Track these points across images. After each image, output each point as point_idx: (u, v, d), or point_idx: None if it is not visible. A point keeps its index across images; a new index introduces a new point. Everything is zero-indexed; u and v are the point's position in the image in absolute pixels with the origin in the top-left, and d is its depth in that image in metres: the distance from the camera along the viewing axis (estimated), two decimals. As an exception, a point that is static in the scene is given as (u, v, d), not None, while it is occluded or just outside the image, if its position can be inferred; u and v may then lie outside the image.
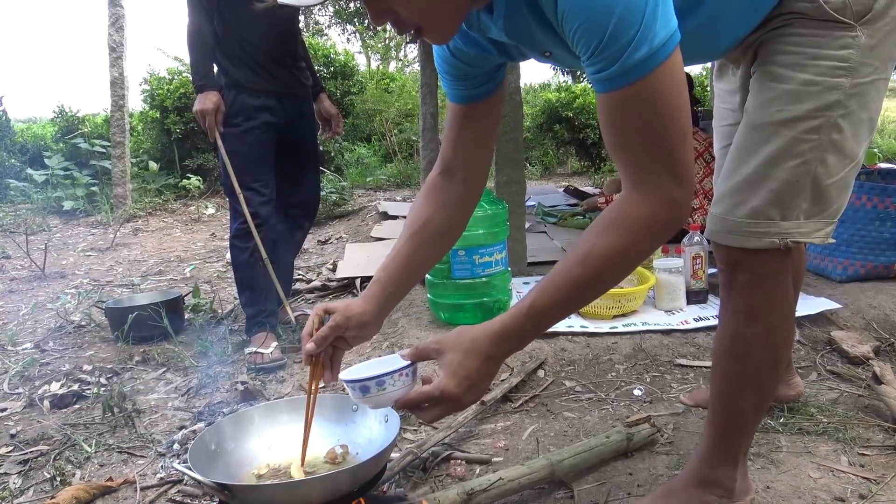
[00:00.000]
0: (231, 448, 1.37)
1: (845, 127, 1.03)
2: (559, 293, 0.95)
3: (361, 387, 1.04)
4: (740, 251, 1.11)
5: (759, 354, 1.15)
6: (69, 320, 2.92)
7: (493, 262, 2.27)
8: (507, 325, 0.99)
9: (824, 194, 1.06)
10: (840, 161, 1.05)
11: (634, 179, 0.91)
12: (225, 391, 2.07)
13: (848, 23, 1.00)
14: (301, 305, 3.04)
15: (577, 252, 0.95)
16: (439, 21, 0.93)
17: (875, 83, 1.04)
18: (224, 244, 4.83)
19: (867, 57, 1.01)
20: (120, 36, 6.44)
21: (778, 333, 1.15)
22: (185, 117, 7.30)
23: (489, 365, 0.99)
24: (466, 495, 1.28)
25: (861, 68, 1.01)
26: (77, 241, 5.32)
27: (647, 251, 0.94)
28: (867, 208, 2.48)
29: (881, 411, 1.67)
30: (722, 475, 1.22)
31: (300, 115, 2.70)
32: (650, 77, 0.84)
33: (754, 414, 1.20)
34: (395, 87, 9.68)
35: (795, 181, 1.05)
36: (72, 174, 6.95)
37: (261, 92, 2.61)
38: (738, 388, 1.18)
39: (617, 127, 0.90)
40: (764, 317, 1.13)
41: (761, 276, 1.11)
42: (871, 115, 1.06)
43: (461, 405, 0.99)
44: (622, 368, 2.04)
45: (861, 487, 1.35)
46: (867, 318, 2.24)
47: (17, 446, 1.79)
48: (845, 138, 1.04)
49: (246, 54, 2.61)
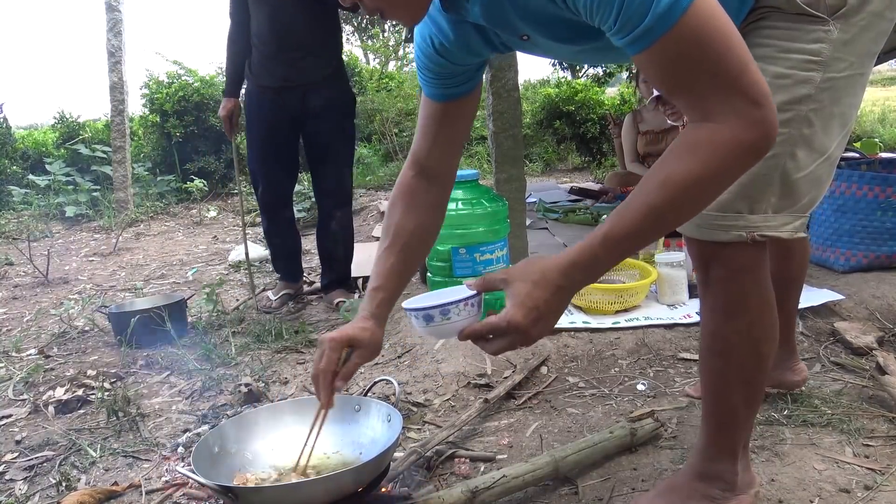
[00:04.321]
0: (234, 450, 1.37)
1: (816, 121, 1.03)
2: (636, 221, 0.87)
3: (425, 315, 1.01)
4: (711, 246, 1.10)
5: (741, 350, 1.13)
6: (73, 326, 2.93)
7: (494, 259, 2.27)
8: (580, 255, 0.91)
9: (794, 188, 1.06)
10: (810, 155, 1.05)
11: (706, 110, 0.83)
12: (229, 393, 2.08)
13: (821, 17, 1.00)
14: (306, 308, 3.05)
15: (652, 178, 0.87)
16: (402, 5, 0.94)
17: (850, 78, 1.03)
18: (226, 247, 4.84)
19: (840, 52, 1.01)
20: (118, 41, 6.45)
21: (759, 328, 1.12)
22: (184, 121, 7.31)
23: (559, 296, 0.92)
24: (471, 493, 1.28)
25: (834, 63, 1.01)
26: (79, 247, 5.34)
27: (731, 177, 0.86)
28: (868, 198, 2.47)
29: (885, 402, 1.66)
30: (722, 469, 1.21)
31: (305, 109, 2.75)
32: (688, 13, 0.79)
33: (745, 408, 1.18)
34: (393, 86, 9.68)
35: (764, 175, 1.04)
36: (73, 180, 6.97)
37: (265, 88, 2.72)
38: (725, 385, 1.17)
39: (669, 76, 0.85)
40: (742, 313, 1.11)
41: (735, 271, 1.10)
42: (843, 111, 1.05)
43: (528, 338, 0.93)
44: (625, 363, 2.03)
45: (866, 478, 1.35)
46: (870, 308, 2.23)
47: (23, 452, 1.80)
48: (815, 132, 1.04)
49: (255, 48, 2.74)
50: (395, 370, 2.11)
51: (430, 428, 1.74)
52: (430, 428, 1.74)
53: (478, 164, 8.46)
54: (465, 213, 2.24)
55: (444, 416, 1.81)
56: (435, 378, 2.00)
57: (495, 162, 2.75)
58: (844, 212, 2.53)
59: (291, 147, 2.92)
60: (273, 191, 2.96)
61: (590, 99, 8.50)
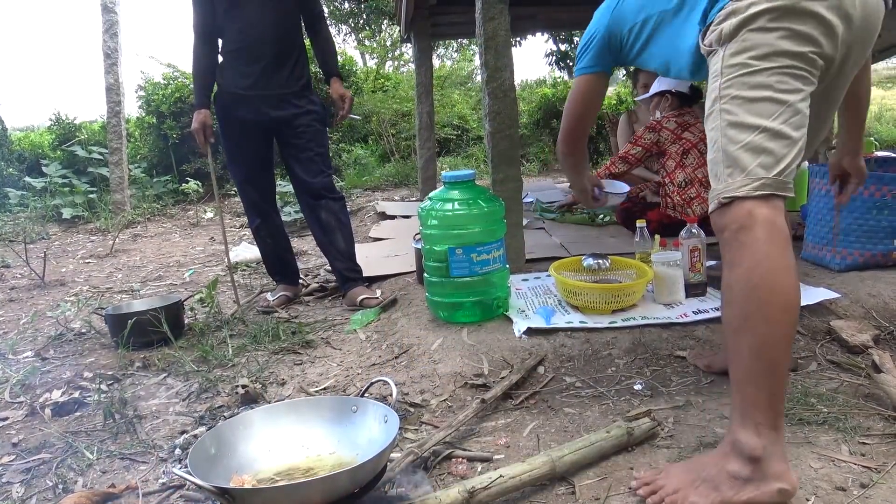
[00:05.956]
0: (231, 452, 1.37)
1: (734, 108, 1.31)
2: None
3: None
4: (712, 217, 1.35)
5: (742, 296, 1.25)
6: (69, 328, 2.92)
7: (490, 259, 2.27)
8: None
9: (736, 159, 1.30)
10: (742, 131, 1.30)
11: None
12: (226, 395, 2.08)
13: (715, 49, 1.38)
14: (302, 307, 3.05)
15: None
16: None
17: (753, 73, 1.30)
18: (223, 248, 4.83)
19: (729, 60, 1.33)
20: (114, 42, 6.45)
21: (757, 273, 1.23)
22: (181, 122, 7.31)
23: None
24: (468, 493, 1.28)
25: (725, 70, 1.34)
26: (76, 249, 5.33)
27: None
28: (864, 197, 2.47)
29: (881, 400, 1.67)
30: (742, 440, 1.22)
31: (278, 116, 2.82)
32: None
33: (754, 361, 1.23)
34: (390, 86, 9.68)
35: (714, 156, 1.36)
36: (70, 182, 6.96)
37: (237, 95, 2.81)
38: (734, 334, 1.27)
39: None
40: (740, 262, 1.26)
41: (733, 231, 1.28)
42: (762, 94, 1.29)
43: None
44: (622, 363, 2.04)
45: (862, 476, 1.35)
46: (866, 306, 2.24)
47: (20, 455, 1.79)
48: (737, 114, 1.31)
49: (227, 61, 2.85)
50: (391, 371, 2.11)
51: (427, 428, 1.74)
52: (427, 428, 1.74)
53: (474, 165, 8.47)
54: (461, 214, 2.24)
55: (441, 416, 1.81)
56: (432, 378, 2.00)
57: (492, 162, 2.75)
58: (839, 210, 2.54)
59: (267, 147, 2.97)
60: (254, 191, 3.00)
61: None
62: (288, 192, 5.48)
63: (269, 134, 2.93)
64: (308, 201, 2.97)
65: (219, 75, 2.87)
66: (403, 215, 5.14)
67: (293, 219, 5.31)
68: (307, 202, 2.97)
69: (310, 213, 2.99)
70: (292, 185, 3.05)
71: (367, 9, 12.24)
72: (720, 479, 1.23)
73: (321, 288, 3.28)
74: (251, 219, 3.07)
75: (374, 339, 2.43)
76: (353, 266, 3.02)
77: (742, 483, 1.21)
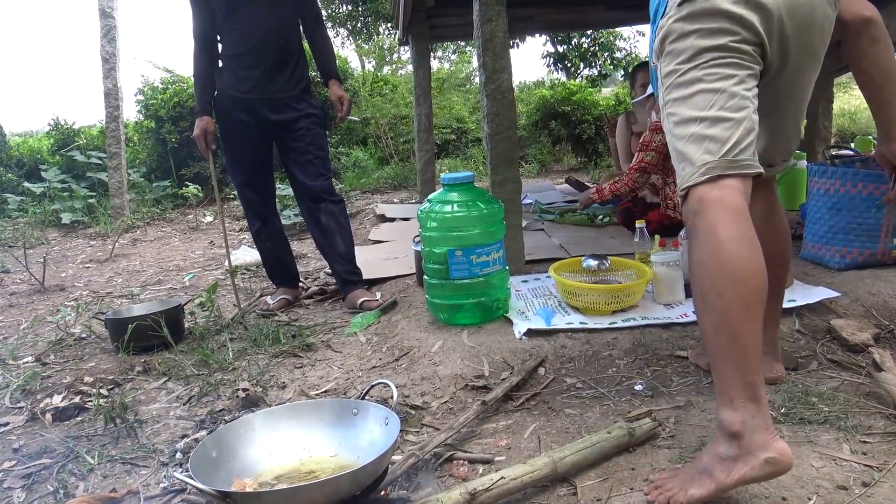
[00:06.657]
0: (233, 455, 1.37)
1: (675, 109, 1.42)
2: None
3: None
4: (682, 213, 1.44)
5: (698, 278, 1.30)
6: (69, 333, 2.92)
7: (490, 261, 2.27)
8: None
9: (683, 152, 1.39)
10: (685, 126, 1.39)
11: None
12: (227, 398, 2.07)
13: (657, 65, 1.51)
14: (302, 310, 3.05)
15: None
16: None
17: (683, 73, 1.40)
18: (223, 252, 4.84)
19: (664, 71, 1.46)
20: (112, 47, 6.45)
21: (707, 252, 1.28)
22: (180, 126, 7.30)
23: None
24: (469, 495, 1.28)
25: (664, 80, 1.46)
26: (76, 254, 5.33)
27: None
28: (863, 195, 2.48)
29: (882, 398, 1.67)
30: (722, 416, 1.24)
31: (278, 120, 2.82)
32: None
33: (716, 335, 1.25)
34: (387, 90, 9.69)
35: (672, 157, 1.45)
36: (69, 187, 6.96)
37: (237, 98, 2.81)
38: (699, 317, 1.32)
39: None
40: (694, 245, 1.33)
41: (691, 219, 1.36)
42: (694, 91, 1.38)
43: None
44: (622, 363, 2.04)
45: (864, 475, 1.35)
46: (866, 305, 2.24)
47: (21, 460, 1.79)
48: (678, 113, 1.41)
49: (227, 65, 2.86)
50: (392, 373, 2.11)
51: (428, 430, 1.73)
52: (428, 430, 1.74)
53: (473, 167, 8.47)
54: (461, 216, 2.25)
55: (442, 418, 1.81)
56: (432, 380, 2.00)
57: (491, 164, 2.76)
58: (839, 209, 2.54)
59: (267, 150, 2.97)
60: (254, 194, 3.00)
61: (585, 100, 8.51)
62: (287, 195, 5.48)
63: (268, 137, 2.93)
64: (308, 204, 2.97)
65: (218, 79, 2.87)
66: (403, 217, 5.14)
67: (293, 222, 5.31)
68: (307, 205, 2.98)
69: (309, 216, 2.99)
70: (292, 188, 3.05)
71: (366, 12, 12.24)
72: (712, 465, 1.24)
73: (321, 291, 3.28)
74: (251, 222, 3.08)
75: (375, 341, 2.43)
76: (353, 269, 3.02)
77: (731, 463, 1.21)
